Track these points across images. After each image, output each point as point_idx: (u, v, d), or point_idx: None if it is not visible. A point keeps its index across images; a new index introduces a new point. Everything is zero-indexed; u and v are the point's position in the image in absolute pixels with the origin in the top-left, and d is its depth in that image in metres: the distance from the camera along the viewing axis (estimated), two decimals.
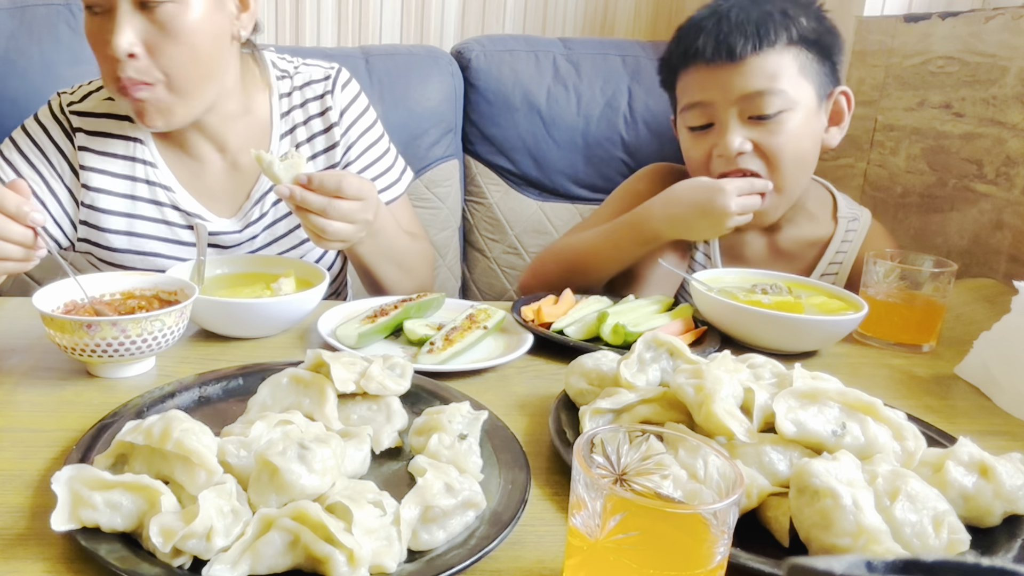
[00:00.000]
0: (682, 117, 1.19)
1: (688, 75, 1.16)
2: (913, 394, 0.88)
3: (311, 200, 0.92)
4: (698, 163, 1.17)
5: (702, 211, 1.08)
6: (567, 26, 2.11)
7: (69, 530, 0.52)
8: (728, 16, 1.11)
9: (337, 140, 1.18)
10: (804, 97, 1.11)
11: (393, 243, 1.13)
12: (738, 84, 1.10)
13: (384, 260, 1.14)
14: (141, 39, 0.96)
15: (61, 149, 1.12)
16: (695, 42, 1.12)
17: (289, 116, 1.17)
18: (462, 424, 0.65)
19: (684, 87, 1.18)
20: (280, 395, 0.69)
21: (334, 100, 1.18)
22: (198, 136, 1.13)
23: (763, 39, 1.09)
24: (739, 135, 1.11)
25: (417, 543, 0.54)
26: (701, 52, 1.12)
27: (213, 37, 1.01)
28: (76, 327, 0.75)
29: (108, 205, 1.12)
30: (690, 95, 1.16)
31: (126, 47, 0.95)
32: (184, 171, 1.14)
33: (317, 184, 0.92)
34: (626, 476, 0.50)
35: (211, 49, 1.02)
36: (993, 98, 1.31)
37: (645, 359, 0.75)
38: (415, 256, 1.21)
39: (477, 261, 1.88)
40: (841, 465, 0.55)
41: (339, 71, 1.21)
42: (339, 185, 0.93)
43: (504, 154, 1.81)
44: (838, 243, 1.24)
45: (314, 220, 0.93)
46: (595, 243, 1.20)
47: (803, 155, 1.14)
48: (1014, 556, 0.56)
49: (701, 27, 1.13)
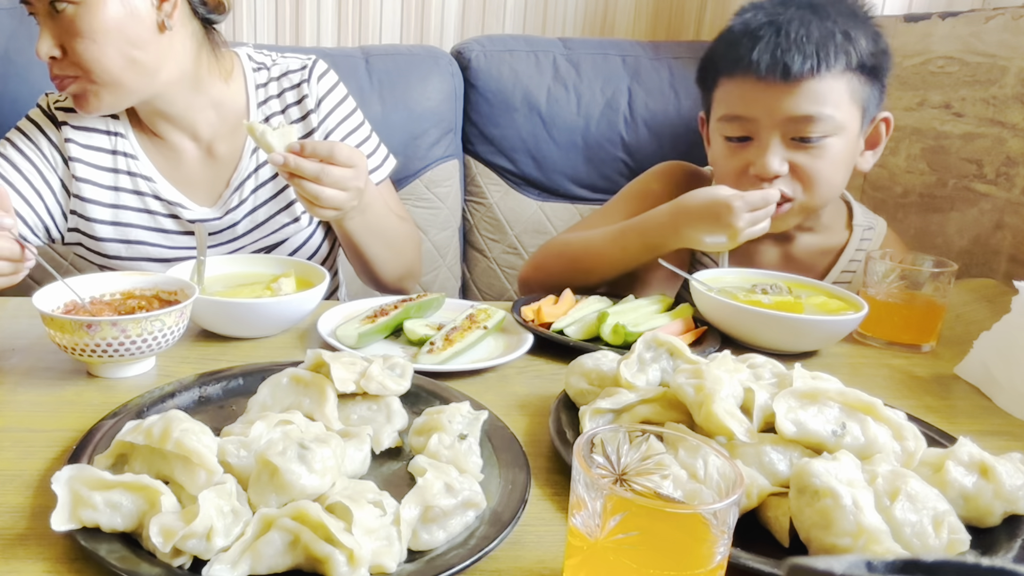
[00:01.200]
0: (719, 125, 1.14)
1: (733, 83, 1.11)
2: (913, 394, 0.88)
3: (304, 166, 0.94)
4: (728, 175, 1.13)
5: (710, 227, 1.03)
6: (567, 26, 2.11)
7: (69, 530, 0.52)
8: (788, 30, 1.05)
9: (315, 127, 1.21)
10: (851, 122, 1.08)
11: (381, 220, 1.16)
12: (788, 106, 1.05)
13: (373, 237, 1.16)
14: (58, 42, 1.03)
15: (52, 141, 1.16)
16: (749, 52, 1.06)
17: (266, 105, 1.21)
18: (462, 424, 0.65)
19: (726, 95, 1.12)
20: (280, 395, 0.69)
21: (311, 89, 1.20)
22: (167, 126, 1.17)
23: (822, 62, 1.03)
24: (779, 156, 1.07)
25: (417, 543, 0.54)
26: (754, 65, 1.05)
27: (125, 31, 1.04)
28: (76, 327, 0.75)
29: (94, 195, 1.17)
30: (732, 106, 1.11)
31: (44, 52, 1.03)
32: (163, 161, 1.18)
33: (310, 151, 0.95)
34: (626, 476, 0.50)
35: (126, 42, 1.04)
36: (993, 98, 1.31)
37: (645, 359, 0.75)
38: (403, 237, 1.23)
39: (477, 261, 1.88)
40: (841, 465, 0.55)
41: (316, 62, 1.23)
42: (331, 152, 0.95)
43: (504, 154, 1.81)
44: (852, 251, 1.23)
45: (308, 187, 0.96)
46: (602, 244, 1.17)
47: (838, 179, 1.11)
48: (1014, 556, 0.56)
49: (757, 36, 1.06)
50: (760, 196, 1.02)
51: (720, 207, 1.02)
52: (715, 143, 1.17)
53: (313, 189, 0.96)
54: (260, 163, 1.20)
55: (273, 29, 1.97)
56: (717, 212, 1.02)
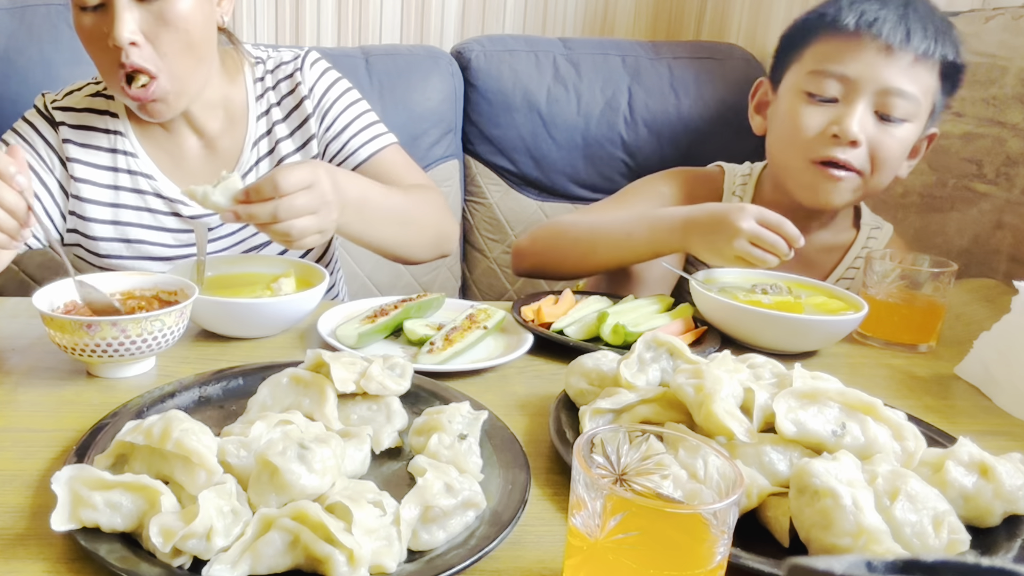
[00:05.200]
0: (806, 79, 1.13)
1: (841, 39, 1.10)
2: (913, 394, 0.88)
3: (256, 212, 0.87)
4: (800, 131, 1.12)
5: (716, 222, 1.02)
6: (567, 26, 2.11)
7: (69, 530, 0.52)
8: (915, 4, 1.08)
9: (310, 112, 1.20)
10: (923, 117, 1.11)
11: (384, 203, 1.08)
12: (890, 75, 1.07)
13: (383, 225, 1.09)
14: (140, 28, 0.99)
15: (49, 142, 1.15)
16: (874, 11, 1.07)
17: (264, 98, 1.20)
18: (462, 424, 0.65)
19: (829, 51, 1.11)
20: (280, 395, 0.69)
21: (303, 76, 1.20)
22: (181, 124, 1.16)
23: (937, 47, 1.07)
24: (862, 123, 1.08)
25: (417, 543, 0.54)
26: (878, 25, 1.06)
27: (204, 24, 1.04)
28: (76, 327, 0.75)
29: (92, 195, 1.16)
30: (835, 62, 1.10)
31: (128, 36, 0.97)
32: (165, 159, 1.17)
33: (255, 194, 0.88)
34: (626, 476, 0.50)
35: (203, 36, 1.05)
36: (993, 98, 1.31)
37: (645, 359, 0.75)
38: (420, 205, 1.15)
39: (477, 261, 1.88)
40: (841, 465, 0.55)
41: (308, 52, 1.23)
42: (277, 185, 0.87)
43: (504, 154, 1.81)
44: (858, 249, 1.24)
45: (274, 228, 0.89)
46: (610, 227, 1.15)
47: (897, 166, 1.12)
48: (1014, 556, 0.56)
49: (884, 1, 1.08)
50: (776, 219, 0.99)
51: (733, 207, 1.01)
52: (790, 101, 1.15)
53: (279, 228, 0.88)
54: (261, 156, 1.19)
55: (273, 29, 1.97)
56: (728, 209, 1.01)
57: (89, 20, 1.00)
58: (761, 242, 0.98)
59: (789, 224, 0.99)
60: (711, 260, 1.06)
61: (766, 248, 0.98)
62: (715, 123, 1.81)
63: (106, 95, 1.17)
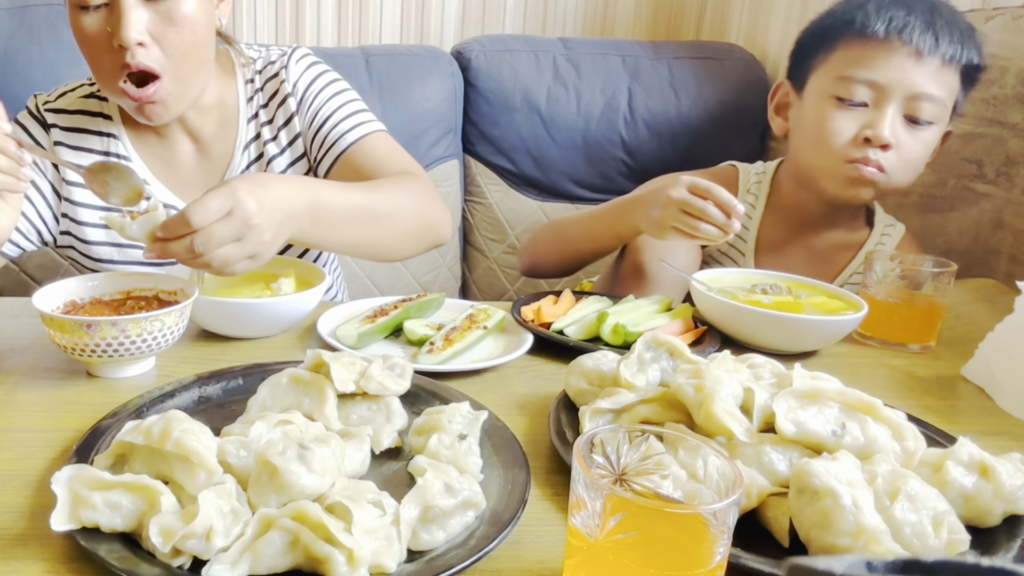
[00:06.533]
0: (835, 84, 1.13)
1: (869, 46, 1.11)
2: (913, 394, 0.88)
3: (174, 249, 0.80)
4: (835, 135, 1.13)
5: (652, 195, 1.03)
6: (567, 26, 2.11)
7: (69, 530, 0.52)
8: (940, 10, 1.09)
9: (293, 110, 1.18)
10: (946, 119, 1.13)
11: (343, 204, 0.97)
12: (921, 80, 1.08)
13: (347, 226, 0.98)
14: (147, 29, 0.98)
15: (41, 145, 1.14)
16: (902, 17, 1.08)
17: (253, 100, 1.19)
18: (462, 424, 0.65)
19: (858, 56, 1.12)
20: (280, 395, 0.69)
21: (287, 73, 1.19)
22: (175, 127, 1.15)
23: (963, 52, 1.08)
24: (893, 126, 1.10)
25: (417, 543, 0.54)
26: (908, 31, 1.07)
27: (207, 26, 1.04)
28: (76, 327, 0.75)
29: (84, 199, 1.15)
30: (864, 68, 1.11)
31: (136, 36, 0.96)
32: (158, 163, 1.16)
33: (167, 232, 0.80)
34: (626, 476, 0.50)
35: (206, 38, 1.04)
36: (993, 98, 1.31)
37: (645, 359, 0.75)
38: (395, 197, 1.05)
39: (477, 261, 1.88)
40: (841, 465, 0.55)
41: (294, 49, 1.22)
42: (187, 219, 0.79)
43: (504, 154, 1.81)
44: (871, 246, 1.26)
45: (200, 263, 0.81)
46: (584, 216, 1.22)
47: (920, 166, 1.15)
48: (1014, 556, 0.56)
49: (910, 6, 1.09)
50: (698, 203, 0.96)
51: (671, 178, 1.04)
52: (818, 106, 1.16)
53: (200, 262, 0.81)
54: (251, 160, 1.18)
55: (273, 29, 1.97)
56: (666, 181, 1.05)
57: (90, 20, 0.98)
58: (692, 209, 0.97)
59: (719, 189, 0.96)
60: (653, 234, 1.05)
61: (698, 215, 0.97)
62: (715, 123, 1.82)
63: (100, 96, 1.16)
